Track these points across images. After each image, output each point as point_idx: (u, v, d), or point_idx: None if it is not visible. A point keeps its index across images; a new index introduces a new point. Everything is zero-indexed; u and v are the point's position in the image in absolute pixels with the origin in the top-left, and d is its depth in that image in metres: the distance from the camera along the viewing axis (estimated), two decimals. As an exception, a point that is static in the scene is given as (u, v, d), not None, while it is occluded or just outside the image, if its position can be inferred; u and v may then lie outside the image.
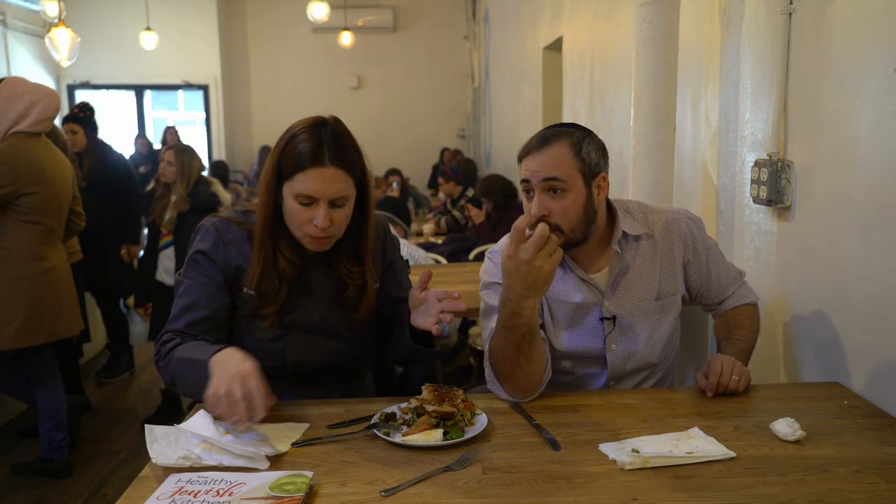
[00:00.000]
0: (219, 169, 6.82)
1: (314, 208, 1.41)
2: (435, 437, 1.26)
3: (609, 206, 1.64)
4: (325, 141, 1.40)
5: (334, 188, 1.41)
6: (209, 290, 1.49)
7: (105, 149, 4.29)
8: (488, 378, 1.53)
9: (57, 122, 3.14)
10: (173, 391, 1.48)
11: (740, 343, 1.62)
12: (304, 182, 1.40)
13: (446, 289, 1.44)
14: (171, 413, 3.66)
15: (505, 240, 1.68)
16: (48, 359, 3.02)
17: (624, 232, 1.61)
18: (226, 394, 1.21)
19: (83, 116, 4.17)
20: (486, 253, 1.71)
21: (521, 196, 1.60)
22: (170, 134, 7.76)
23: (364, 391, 1.71)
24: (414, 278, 3.04)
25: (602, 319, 1.61)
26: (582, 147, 1.52)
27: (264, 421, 1.28)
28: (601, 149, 1.56)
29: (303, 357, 1.56)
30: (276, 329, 1.53)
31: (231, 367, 1.25)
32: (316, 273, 1.55)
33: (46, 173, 2.85)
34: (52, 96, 2.92)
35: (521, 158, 1.57)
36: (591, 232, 1.57)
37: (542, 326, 1.62)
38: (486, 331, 1.61)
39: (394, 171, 7.36)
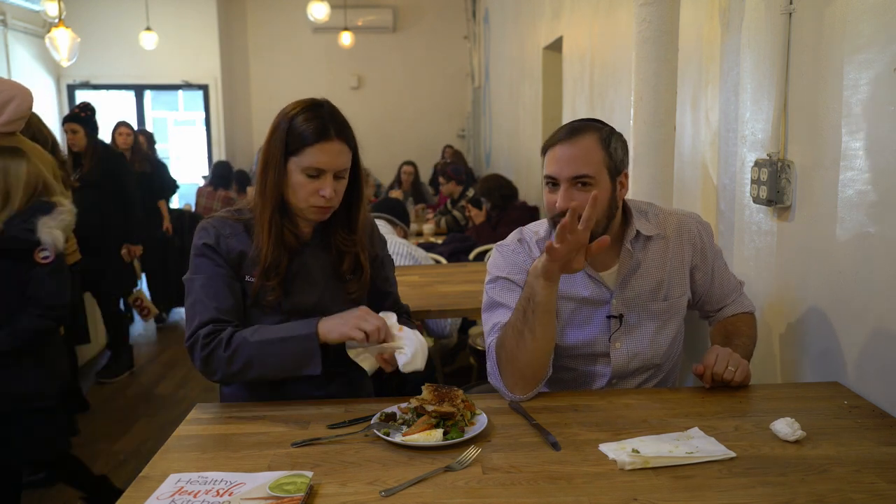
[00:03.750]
0: (222, 169, 6.78)
1: (321, 180, 1.51)
2: (435, 437, 1.27)
3: (623, 205, 1.64)
4: (328, 118, 1.51)
5: (340, 160, 1.52)
6: (225, 279, 1.55)
7: (105, 149, 4.29)
8: (490, 372, 1.54)
9: (57, 121, 3.10)
10: (239, 380, 1.53)
11: (738, 349, 1.62)
12: (313, 155, 1.49)
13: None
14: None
15: (514, 235, 1.70)
16: None
17: (637, 231, 1.61)
18: (364, 321, 1.44)
19: (84, 116, 4.16)
20: (495, 246, 1.72)
21: (543, 188, 1.59)
22: (119, 134, 5.18)
23: (364, 386, 1.72)
24: (413, 278, 3.05)
25: (609, 317, 1.62)
26: (610, 142, 1.54)
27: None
28: (625, 147, 1.59)
29: None
30: (277, 314, 1.57)
31: (349, 313, 1.48)
32: (312, 258, 1.61)
33: None
34: (25, 93, 2.84)
35: (547, 149, 1.56)
36: (607, 228, 1.57)
37: None
38: (487, 325, 1.62)
39: (408, 163, 7.34)
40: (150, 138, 5.91)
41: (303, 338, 1.45)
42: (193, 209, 6.43)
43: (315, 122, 1.49)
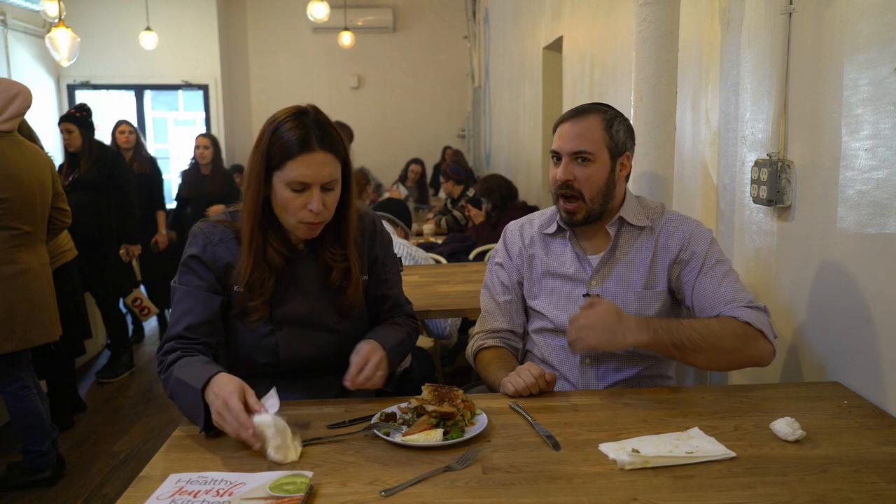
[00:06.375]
0: None
1: (308, 194, 1.45)
2: (435, 437, 1.26)
3: (625, 195, 1.71)
4: (311, 127, 1.44)
5: (325, 172, 1.45)
6: (204, 293, 1.53)
7: (102, 149, 4.28)
8: (469, 353, 1.79)
9: (54, 121, 3.09)
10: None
11: (664, 325, 1.50)
12: (296, 168, 1.43)
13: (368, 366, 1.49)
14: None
15: (525, 219, 1.84)
16: (23, 363, 2.91)
17: (622, 218, 1.68)
18: (223, 422, 1.26)
19: (79, 117, 4.16)
20: (506, 227, 1.86)
21: (550, 164, 1.71)
22: (120, 132, 5.01)
23: (363, 390, 1.71)
24: (414, 278, 3.04)
25: (585, 296, 1.67)
26: (613, 124, 1.65)
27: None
28: (629, 130, 1.69)
29: (295, 351, 1.57)
30: (267, 323, 1.55)
31: (218, 396, 1.28)
32: (303, 266, 1.58)
33: (17, 177, 2.77)
34: (27, 91, 2.85)
35: (555, 128, 1.70)
36: (606, 209, 1.66)
37: (527, 293, 1.78)
38: (477, 323, 1.81)
39: (416, 161, 7.37)
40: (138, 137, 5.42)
41: (192, 389, 1.33)
42: None
43: (296, 132, 1.42)
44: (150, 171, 5.10)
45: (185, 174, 5.55)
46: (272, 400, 1.29)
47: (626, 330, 1.46)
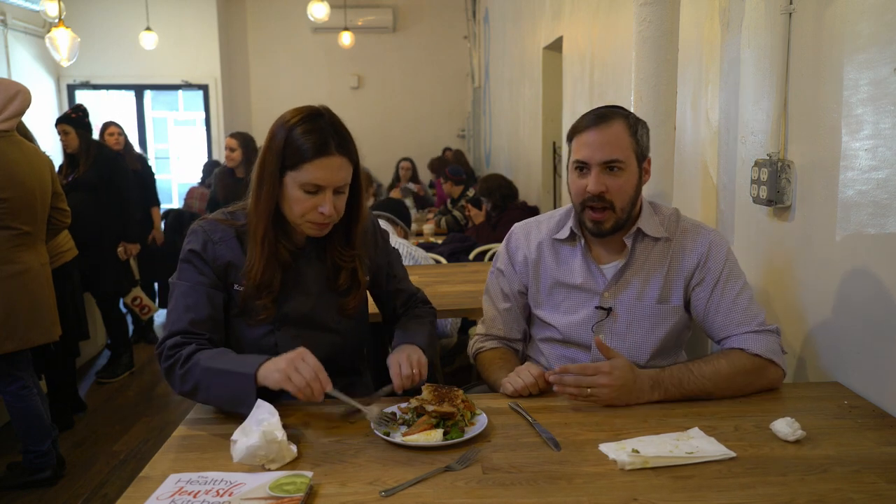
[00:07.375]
0: (213, 169, 6.74)
1: (320, 196, 1.45)
2: (435, 437, 1.27)
3: (641, 202, 1.66)
4: (329, 131, 1.45)
5: (340, 176, 1.46)
6: (207, 288, 1.51)
7: (100, 149, 4.27)
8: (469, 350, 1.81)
9: (50, 123, 3.08)
10: (190, 399, 1.46)
11: (668, 374, 1.47)
12: (311, 171, 1.43)
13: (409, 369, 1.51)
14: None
15: (532, 221, 1.78)
16: (23, 363, 2.91)
17: (639, 229, 1.62)
18: (294, 371, 1.32)
19: (75, 118, 4.15)
20: (513, 227, 1.80)
21: (570, 174, 1.62)
22: (110, 135, 5.09)
23: (363, 389, 1.71)
24: (414, 278, 3.04)
25: (597, 308, 1.63)
26: (637, 129, 1.58)
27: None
28: (649, 134, 1.63)
29: None
30: (270, 322, 1.54)
31: (287, 355, 1.36)
32: (306, 265, 1.58)
33: (18, 177, 2.76)
34: (25, 91, 2.85)
35: (573, 135, 1.59)
36: (630, 216, 1.60)
37: (533, 301, 1.73)
38: (478, 324, 1.77)
39: (405, 159, 7.37)
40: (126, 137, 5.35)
41: (241, 376, 1.35)
42: (188, 210, 6.34)
43: (315, 135, 1.43)
44: (142, 169, 5.10)
45: (218, 178, 5.21)
46: (263, 414, 1.26)
47: (640, 392, 1.44)
